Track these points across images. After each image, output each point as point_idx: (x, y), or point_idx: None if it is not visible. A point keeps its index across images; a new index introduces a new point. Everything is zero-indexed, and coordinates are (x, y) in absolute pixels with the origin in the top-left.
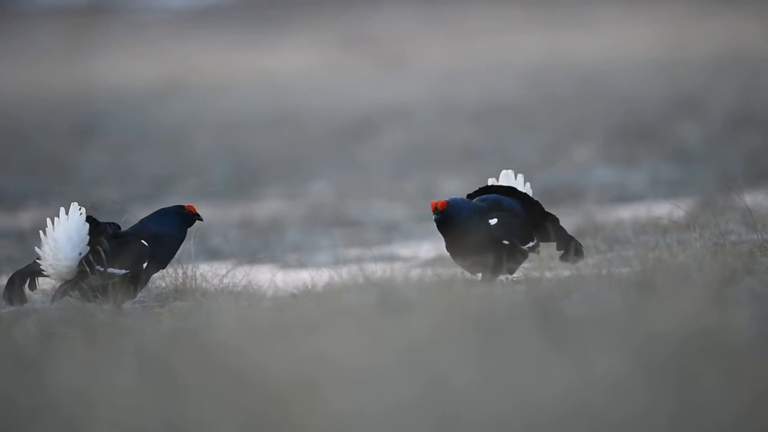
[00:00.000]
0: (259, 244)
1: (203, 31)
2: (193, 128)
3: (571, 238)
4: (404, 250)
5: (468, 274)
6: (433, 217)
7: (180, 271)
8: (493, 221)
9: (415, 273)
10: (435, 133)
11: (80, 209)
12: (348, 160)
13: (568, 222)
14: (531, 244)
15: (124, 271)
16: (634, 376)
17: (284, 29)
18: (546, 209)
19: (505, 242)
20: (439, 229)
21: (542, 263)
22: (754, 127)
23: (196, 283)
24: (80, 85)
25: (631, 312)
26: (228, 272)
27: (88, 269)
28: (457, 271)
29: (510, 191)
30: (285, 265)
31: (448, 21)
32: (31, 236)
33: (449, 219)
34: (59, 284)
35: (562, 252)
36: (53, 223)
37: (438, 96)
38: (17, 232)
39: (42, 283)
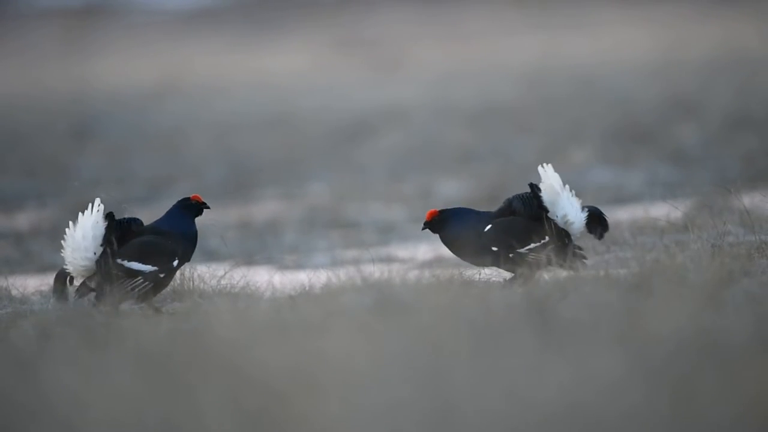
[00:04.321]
0: (257, 246)
1: (200, 33)
2: (190, 130)
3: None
4: (402, 251)
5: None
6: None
7: (178, 273)
8: (487, 228)
9: (413, 274)
10: (432, 134)
11: (100, 205)
12: (345, 162)
13: None
14: (533, 245)
15: (152, 269)
16: (631, 377)
17: (281, 31)
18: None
19: (494, 249)
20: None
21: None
22: (751, 128)
23: (193, 284)
24: (77, 87)
25: (629, 313)
26: (226, 273)
27: (114, 270)
28: (455, 272)
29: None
30: (282, 267)
31: (445, 23)
32: (29, 237)
33: (434, 227)
34: (81, 282)
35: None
36: (78, 220)
37: (435, 98)
38: (15, 234)
39: (44, 284)
